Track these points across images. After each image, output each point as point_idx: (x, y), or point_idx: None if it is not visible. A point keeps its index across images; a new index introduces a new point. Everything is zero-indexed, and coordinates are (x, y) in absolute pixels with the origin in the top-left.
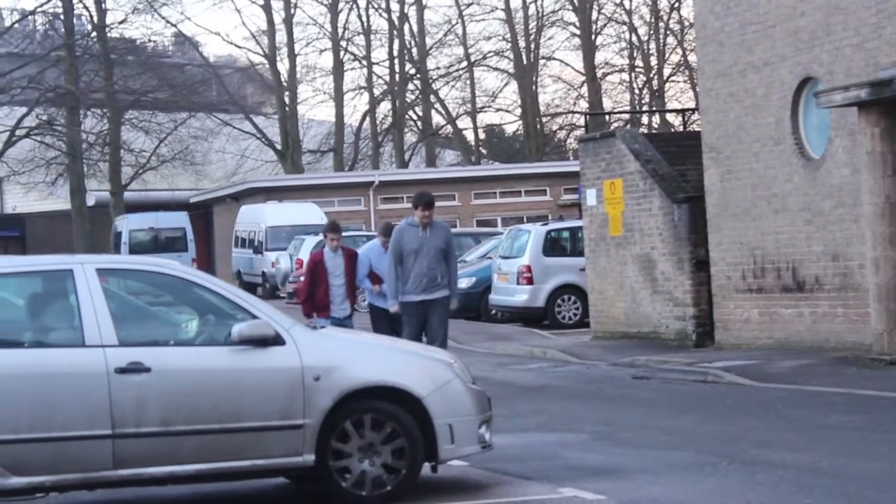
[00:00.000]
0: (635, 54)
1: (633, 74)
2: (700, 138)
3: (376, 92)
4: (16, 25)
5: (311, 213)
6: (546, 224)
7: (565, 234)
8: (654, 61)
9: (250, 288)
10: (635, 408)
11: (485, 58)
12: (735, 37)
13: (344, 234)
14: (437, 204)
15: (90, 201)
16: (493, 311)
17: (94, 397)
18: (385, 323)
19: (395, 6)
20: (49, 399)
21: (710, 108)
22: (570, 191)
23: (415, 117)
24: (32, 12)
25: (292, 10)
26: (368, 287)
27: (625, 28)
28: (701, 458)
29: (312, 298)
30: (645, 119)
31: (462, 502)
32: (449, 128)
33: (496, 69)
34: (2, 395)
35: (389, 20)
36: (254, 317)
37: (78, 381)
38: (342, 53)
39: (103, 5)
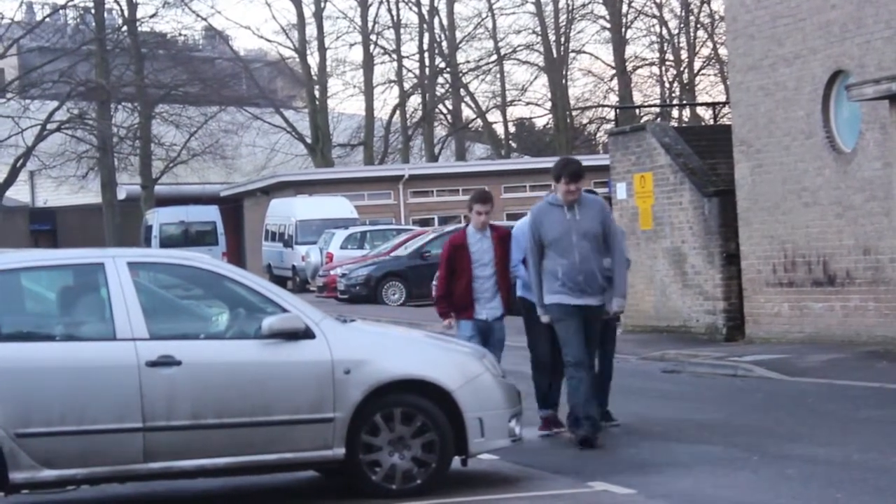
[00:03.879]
0: (665, 48)
1: (663, 68)
2: (730, 132)
3: (406, 86)
4: (47, 20)
5: (340, 206)
6: None
7: None
8: (684, 55)
9: (280, 282)
10: (665, 402)
11: (515, 51)
12: (766, 30)
13: (374, 227)
14: (465, 197)
15: (121, 195)
16: None
17: (124, 391)
18: (540, 324)
19: (424, 0)
20: (80, 392)
21: (741, 102)
22: (601, 184)
23: (445, 111)
24: (64, 6)
25: (322, 4)
26: (522, 276)
27: (655, 21)
28: (731, 452)
29: (451, 295)
30: (675, 113)
31: (492, 496)
32: (479, 121)
33: (526, 63)
34: (33, 388)
35: (419, 14)
36: (284, 310)
37: (109, 374)
38: (372, 47)
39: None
